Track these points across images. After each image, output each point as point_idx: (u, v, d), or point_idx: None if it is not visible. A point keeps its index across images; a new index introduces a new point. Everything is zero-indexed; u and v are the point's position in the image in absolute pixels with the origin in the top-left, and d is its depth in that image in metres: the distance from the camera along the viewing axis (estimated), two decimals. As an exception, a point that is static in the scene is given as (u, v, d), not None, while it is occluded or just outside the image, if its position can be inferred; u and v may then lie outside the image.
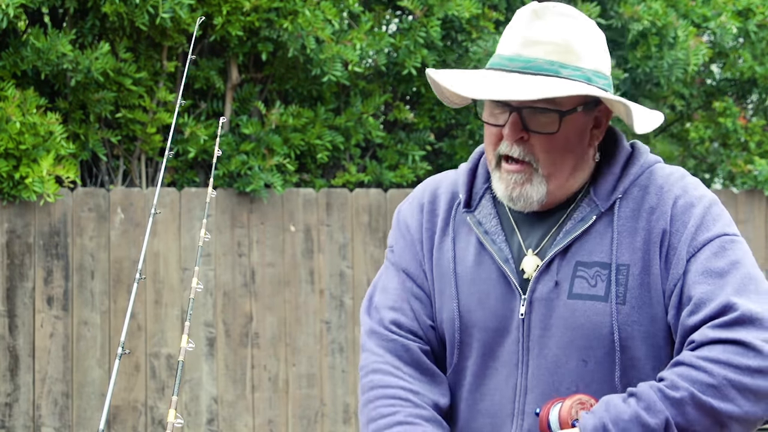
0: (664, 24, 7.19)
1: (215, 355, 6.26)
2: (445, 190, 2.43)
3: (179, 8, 6.03)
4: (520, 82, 2.20)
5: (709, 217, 2.24)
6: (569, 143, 2.26)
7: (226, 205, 6.35)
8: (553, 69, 2.22)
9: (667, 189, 2.26)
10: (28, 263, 5.98)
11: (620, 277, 2.23)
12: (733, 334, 2.12)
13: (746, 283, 2.19)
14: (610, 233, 2.25)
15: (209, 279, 6.26)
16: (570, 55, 2.22)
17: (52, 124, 5.88)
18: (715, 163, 7.97)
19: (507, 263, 2.30)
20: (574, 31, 2.25)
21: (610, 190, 2.28)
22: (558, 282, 2.26)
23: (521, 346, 2.28)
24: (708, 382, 2.10)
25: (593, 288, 2.24)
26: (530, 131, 2.24)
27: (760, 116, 8.26)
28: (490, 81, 2.22)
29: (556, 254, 2.27)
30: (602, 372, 2.24)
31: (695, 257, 2.21)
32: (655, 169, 2.31)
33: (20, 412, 5.94)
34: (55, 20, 6.43)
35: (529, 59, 2.22)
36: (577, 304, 2.24)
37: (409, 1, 6.67)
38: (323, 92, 6.80)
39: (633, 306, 2.22)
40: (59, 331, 5.99)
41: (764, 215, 7.52)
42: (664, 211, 2.24)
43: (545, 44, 2.22)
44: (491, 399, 2.30)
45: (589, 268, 2.24)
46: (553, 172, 2.26)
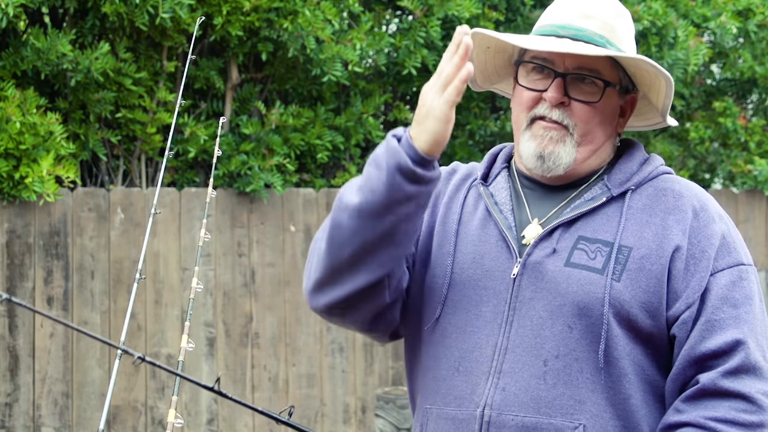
0: (664, 24, 7.19)
1: (215, 355, 6.26)
2: (462, 169, 2.52)
3: (179, 8, 6.03)
4: (574, 44, 2.29)
5: (729, 239, 2.32)
6: (604, 117, 2.34)
7: (226, 205, 6.35)
8: (602, 42, 2.31)
9: (687, 197, 2.33)
10: (28, 263, 5.98)
11: (620, 256, 2.27)
12: (739, 387, 2.22)
13: (755, 323, 2.27)
14: (618, 217, 2.31)
15: (209, 279, 6.26)
16: (614, 35, 2.34)
17: (52, 124, 5.88)
18: (715, 163, 7.98)
19: (509, 230, 2.35)
20: (620, 16, 2.37)
21: (624, 180, 2.35)
22: (556, 250, 2.30)
23: (508, 306, 2.31)
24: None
25: (592, 261, 2.28)
26: (572, 98, 2.31)
27: (760, 116, 8.26)
28: (544, 40, 2.31)
29: (559, 224, 2.32)
30: (585, 341, 2.26)
31: (715, 278, 2.27)
32: (671, 178, 2.39)
33: (20, 412, 5.94)
34: (55, 20, 6.43)
35: (581, 28, 2.32)
36: (573, 272, 2.27)
37: (409, 1, 6.67)
38: (323, 92, 6.80)
39: (627, 286, 2.26)
40: (59, 331, 5.99)
41: (764, 215, 7.52)
42: (682, 218, 2.30)
43: (596, 19, 2.32)
44: (470, 356, 2.31)
45: (591, 244, 2.29)
46: (585, 142, 2.33)
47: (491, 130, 7.35)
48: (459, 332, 2.33)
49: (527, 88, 2.34)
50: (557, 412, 2.23)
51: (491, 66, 2.45)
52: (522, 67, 2.35)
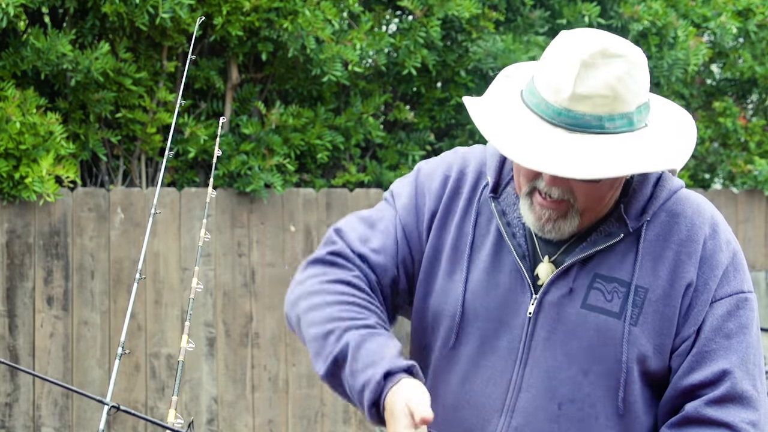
0: (664, 24, 7.19)
1: (215, 355, 6.26)
2: (473, 169, 2.38)
3: (179, 8, 6.03)
4: (569, 147, 2.12)
5: (731, 267, 2.28)
6: (612, 185, 2.24)
7: (226, 205, 6.35)
8: (599, 125, 2.13)
9: (698, 225, 2.28)
10: (28, 263, 5.98)
11: (637, 298, 2.23)
12: (722, 416, 2.21)
13: (747, 353, 2.25)
14: (634, 253, 2.25)
15: (209, 279, 6.26)
16: (616, 104, 2.14)
17: (52, 124, 5.88)
18: (715, 163, 7.97)
19: (524, 260, 2.28)
20: (623, 75, 2.15)
21: (640, 211, 2.27)
22: (573, 289, 2.25)
23: (523, 344, 2.26)
24: None
25: (609, 303, 2.23)
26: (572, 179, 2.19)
27: (760, 116, 8.26)
28: (538, 142, 2.14)
29: (575, 262, 2.25)
30: (601, 387, 2.24)
31: (712, 309, 2.25)
32: (682, 197, 2.30)
33: (20, 412, 5.94)
34: (55, 20, 6.43)
35: (577, 116, 2.13)
36: (590, 315, 2.23)
37: (409, 1, 6.67)
38: (323, 92, 6.80)
39: (643, 330, 2.23)
40: (59, 331, 5.99)
41: (764, 215, 7.52)
42: (694, 251, 2.26)
43: (593, 98, 2.13)
44: (482, 391, 2.28)
45: (608, 283, 2.24)
46: (590, 208, 2.24)
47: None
48: (471, 364, 2.30)
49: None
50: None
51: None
52: None
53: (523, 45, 6.87)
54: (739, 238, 7.33)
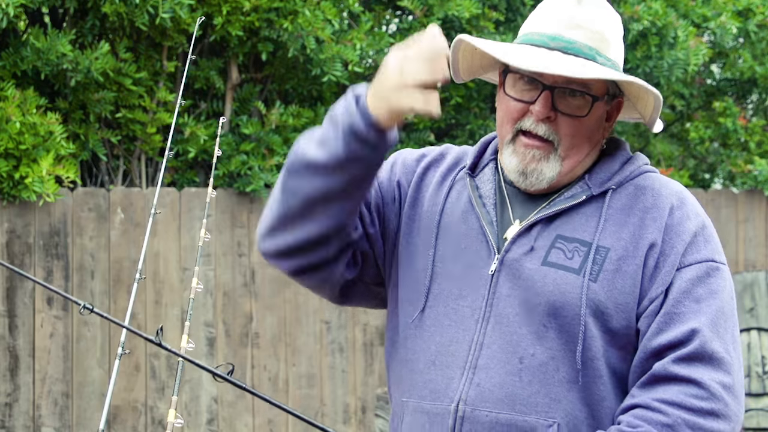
0: (664, 24, 7.19)
1: (215, 355, 6.26)
2: (452, 155, 2.49)
3: (179, 8, 6.03)
4: (565, 60, 2.25)
5: (701, 237, 2.30)
6: (591, 129, 2.31)
7: (226, 205, 6.35)
8: (591, 54, 2.28)
9: (665, 195, 2.32)
10: (28, 263, 5.98)
11: (598, 257, 2.26)
12: (690, 372, 2.21)
13: (718, 317, 2.25)
14: (597, 217, 2.30)
15: (209, 279, 6.26)
16: (603, 44, 2.30)
17: (52, 124, 5.89)
18: (715, 163, 7.97)
19: (490, 225, 2.34)
20: (608, 21, 2.33)
21: (605, 179, 2.33)
22: (534, 248, 2.29)
23: (485, 302, 2.30)
24: (664, 421, 2.18)
25: (569, 260, 2.27)
26: (559, 112, 2.29)
27: (760, 116, 8.26)
28: (535, 54, 2.27)
29: (538, 220, 2.31)
30: (561, 341, 2.26)
31: (680, 273, 2.26)
32: (653, 175, 2.38)
33: (20, 412, 5.94)
34: (55, 20, 6.43)
35: (571, 41, 2.28)
36: (549, 272, 2.27)
37: (409, 1, 6.67)
38: (323, 92, 6.81)
39: (603, 287, 2.25)
40: (59, 331, 5.99)
41: (764, 215, 7.52)
42: (659, 216, 2.29)
43: (586, 30, 2.29)
44: (446, 350, 2.31)
45: (569, 243, 2.28)
46: (570, 155, 2.31)
47: (491, 129, 7.35)
48: (437, 326, 2.33)
49: (514, 98, 2.31)
50: (532, 409, 2.24)
51: (477, 64, 2.43)
52: (510, 76, 2.32)
53: (523, 45, 6.88)
54: (739, 238, 7.33)
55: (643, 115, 2.39)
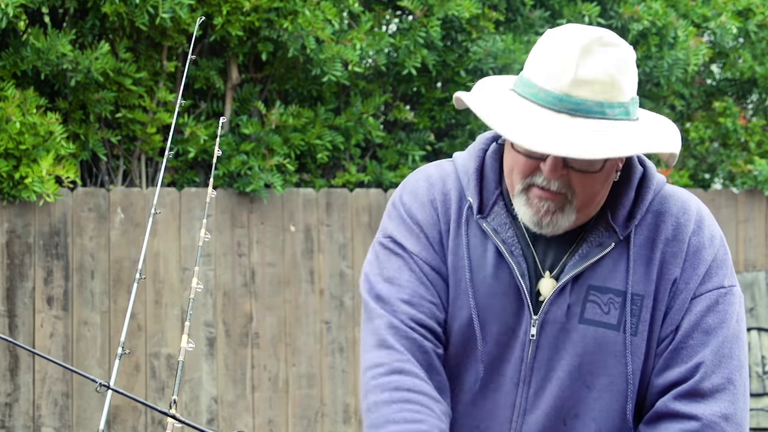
0: (664, 24, 7.19)
1: (215, 355, 6.26)
2: (453, 188, 2.34)
3: (179, 8, 6.03)
4: (573, 132, 2.11)
5: (715, 264, 2.26)
6: (606, 177, 2.22)
7: (226, 205, 6.35)
8: (600, 111, 2.13)
9: (683, 223, 2.26)
10: (28, 263, 5.98)
11: (634, 307, 2.22)
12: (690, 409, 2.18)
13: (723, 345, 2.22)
14: (625, 261, 2.23)
15: (209, 279, 6.26)
16: (615, 92, 2.15)
17: (52, 124, 5.89)
18: (715, 163, 7.97)
19: (524, 278, 2.25)
20: (618, 63, 2.16)
21: (627, 216, 2.25)
22: (570, 306, 2.23)
23: (525, 365, 2.26)
24: None
25: (606, 315, 2.22)
26: (571, 168, 2.18)
27: (760, 116, 8.26)
28: (543, 126, 2.12)
29: (571, 278, 2.24)
30: (605, 400, 2.24)
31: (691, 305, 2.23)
32: (667, 195, 2.29)
33: (20, 412, 5.94)
34: (55, 20, 6.43)
35: (579, 101, 2.12)
36: (589, 330, 2.22)
37: (409, 1, 6.67)
38: (323, 92, 6.80)
39: (643, 339, 2.23)
40: (59, 331, 5.99)
41: (764, 215, 7.52)
42: (680, 249, 2.25)
43: (594, 84, 2.13)
44: (489, 414, 2.29)
45: (603, 294, 2.23)
46: (585, 205, 2.22)
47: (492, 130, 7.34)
48: (481, 388, 2.29)
49: (524, 155, 2.19)
50: None
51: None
52: None
53: (523, 45, 6.88)
54: (739, 238, 7.33)
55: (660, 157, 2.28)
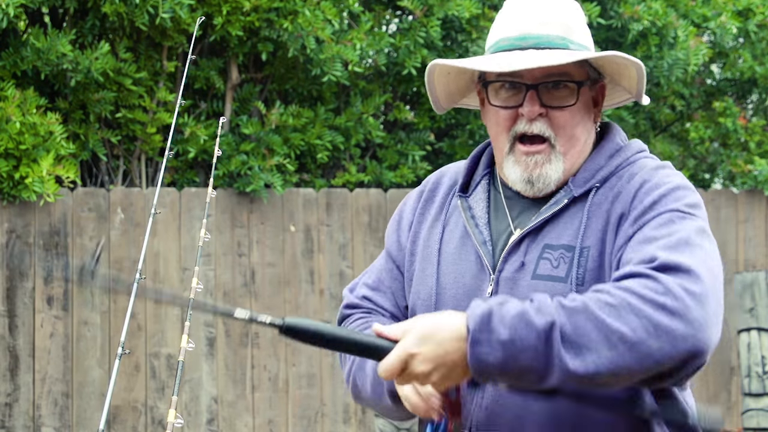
0: (664, 24, 7.19)
1: (215, 355, 6.26)
2: (449, 177, 2.47)
3: (179, 8, 6.04)
4: (540, 54, 2.24)
5: (670, 197, 2.20)
6: (582, 116, 2.30)
7: (226, 205, 6.35)
8: (563, 43, 2.28)
9: (639, 176, 2.26)
10: (28, 263, 5.98)
11: (582, 259, 2.22)
12: (652, 273, 2.05)
13: (678, 243, 2.11)
14: (581, 217, 2.25)
15: (209, 279, 6.26)
16: (572, 32, 2.30)
17: (52, 124, 5.89)
18: (715, 163, 7.98)
19: (484, 245, 2.31)
20: (569, 10, 2.33)
21: (588, 178, 2.29)
22: (524, 263, 2.26)
23: None
24: (606, 300, 2.04)
25: (555, 269, 2.23)
26: (548, 107, 2.27)
27: (760, 116, 8.26)
28: (509, 57, 2.26)
29: (523, 235, 2.27)
30: None
31: (641, 230, 2.16)
32: (638, 161, 2.31)
33: (20, 412, 5.94)
34: (55, 20, 6.43)
35: (541, 35, 2.28)
36: (539, 285, 2.23)
37: (409, 1, 6.67)
38: (323, 92, 6.81)
39: (590, 287, 2.16)
40: (59, 331, 5.99)
41: (764, 215, 7.52)
42: (627, 195, 2.23)
43: (554, 23, 2.28)
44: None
45: (555, 251, 2.24)
46: (569, 148, 2.29)
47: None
48: None
49: (501, 107, 2.28)
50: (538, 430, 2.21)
51: (454, 87, 2.41)
52: (490, 87, 2.30)
53: (523, 45, 6.88)
54: (739, 238, 7.33)
55: (629, 91, 2.35)
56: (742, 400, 6.87)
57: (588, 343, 2.01)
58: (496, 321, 2.03)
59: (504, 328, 2.02)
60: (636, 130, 7.69)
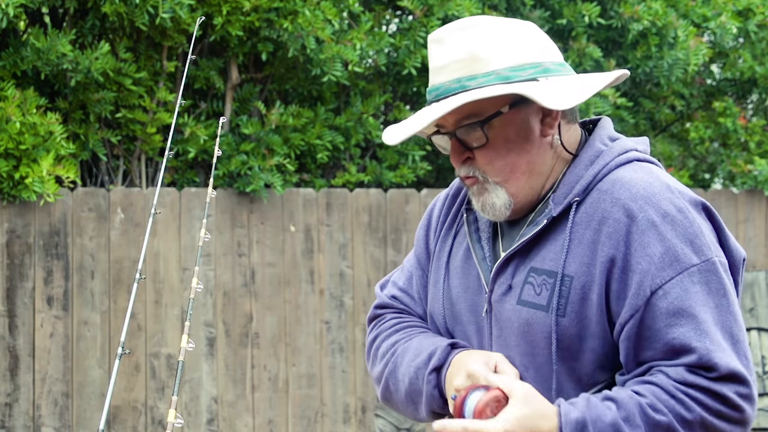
0: (664, 24, 7.19)
1: (215, 355, 6.26)
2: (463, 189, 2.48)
3: (179, 8, 6.03)
4: (428, 112, 2.20)
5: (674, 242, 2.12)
6: (510, 145, 2.22)
7: (226, 205, 6.35)
8: (459, 86, 2.19)
9: (623, 199, 2.15)
10: (28, 263, 5.98)
11: (563, 288, 2.16)
12: (713, 386, 2.08)
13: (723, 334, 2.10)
14: (562, 240, 2.19)
15: (209, 279, 6.26)
16: (478, 64, 2.19)
17: (52, 124, 5.89)
18: (715, 163, 7.98)
19: (483, 261, 2.30)
20: (477, 39, 2.21)
21: (567, 192, 2.22)
22: (511, 286, 2.23)
23: (486, 341, 2.29)
24: (684, 416, 2.07)
25: (538, 296, 2.19)
26: (471, 149, 2.23)
27: (760, 116, 8.26)
28: (405, 121, 2.26)
29: (507, 257, 2.24)
30: (540, 380, 2.20)
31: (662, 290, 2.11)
32: (622, 171, 2.21)
33: (20, 412, 5.94)
34: (55, 20, 6.43)
35: (437, 86, 2.21)
36: (522, 311, 2.20)
37: (409, 1, 6.67)
38: (323, 92, 6.81)
39: (572, 319, 2.16)
40: (59, 331, 5.99)
41: (764, 215, 7.52)
42: (615, 227, 2.14)
43: (449, 66, 2.20)
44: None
45: (539, 275, 2.20)
46: (507, 177, 2.23)
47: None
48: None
49: (448, 154, 2.31)
50: None
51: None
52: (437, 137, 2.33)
53: (523, 45, 6.87)
54: (739, 238, 7.32)
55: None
56: (742, 400, 6.87)
57: None
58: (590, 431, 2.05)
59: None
60: (636, 130, 7.69)
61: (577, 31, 7.14)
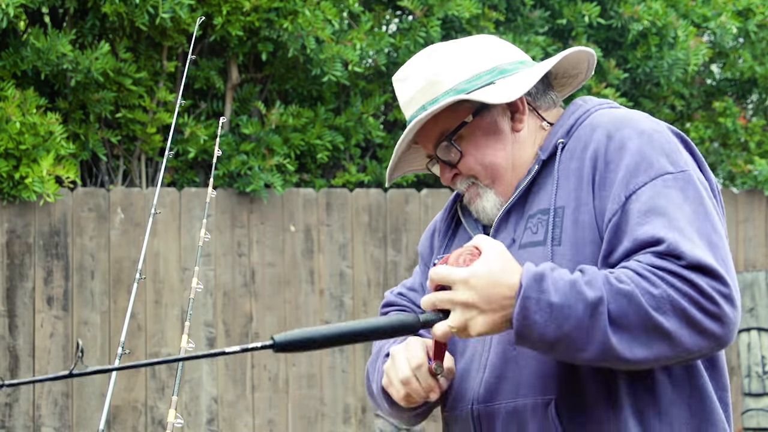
0: (664, 24, 7.19)
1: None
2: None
3: (179, 8, 6.04)
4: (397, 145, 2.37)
5: (650, 151, 2.18)
6: (484, 149, 2.34)
7: (226, 205, 6.35)
8: (421, 110, 2.34)
9: (602, 125, 2.24)
10: (28, 263, 5.98)
11: (557, 219, 2.23)
12: (682, 271, 2.05)
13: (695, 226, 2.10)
14: (552, 178, 2.28)
15: (209, 279, 6.26)
16: (436, 87, 2.33)
17: (52, 124, 5.89)
18: (715, 163, 7.98)
19: (474, 230, 2.39)
20: (433, 65, 2.35)
21: (552, 139, 2.31)
22: (514, 239, 2.30)
23: None
24: (650, 290, 2.03)
25: (535, 235, 2.26)
26: (454, 165, 2.35)
27: (760, 116, 8.26)
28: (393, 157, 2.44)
29: (506, 209, 2.32)
30: None
31: (636, 194, 2.14)
32: (600, 111, 2.31)
33: (20, 412, 5.94)
34: (55, 20, 6.43)
35: (408, 119, 2.38)
36: (523, 254, 2.25)
37: (409, 1, 6.67)
38: (323, 92, 6.81)
39: (568, 246, 2.20)
40: (59, 331, 5.99)
41: (764, 215, 7.52)
42: (595, 147, 2.22)
43: (414, 98, 2.35)
44: (471, 358, 2.34)
45: (534, 217, 2.28)
46: (493, 179, 2.34)
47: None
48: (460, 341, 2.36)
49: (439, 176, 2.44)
50: (530, 391, 2.22)
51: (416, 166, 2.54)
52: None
53: (523, 45, 6.88)
54: (739, 238, 7.32)
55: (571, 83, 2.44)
56: (742, 400, 6.88)
57: (630, 327, 2.04)
58: (548, 283, 2.05)
59: (555, 292, 2.04)
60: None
61: (577, 31, 7.15)
